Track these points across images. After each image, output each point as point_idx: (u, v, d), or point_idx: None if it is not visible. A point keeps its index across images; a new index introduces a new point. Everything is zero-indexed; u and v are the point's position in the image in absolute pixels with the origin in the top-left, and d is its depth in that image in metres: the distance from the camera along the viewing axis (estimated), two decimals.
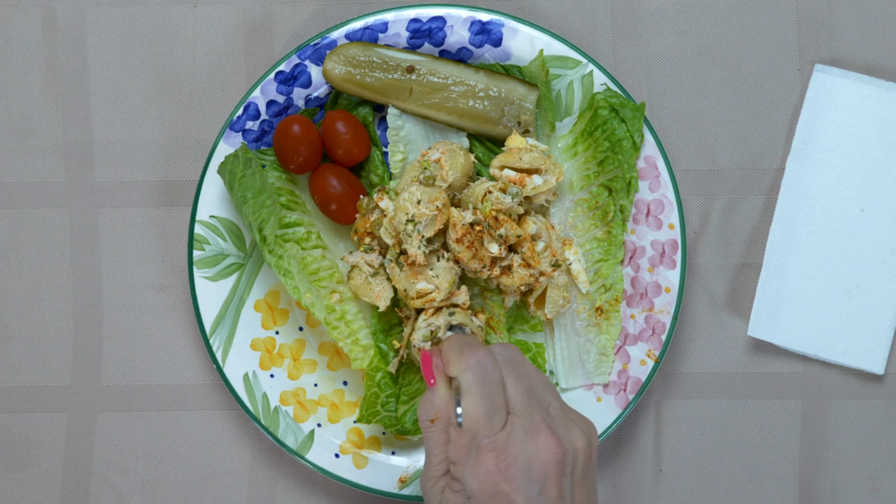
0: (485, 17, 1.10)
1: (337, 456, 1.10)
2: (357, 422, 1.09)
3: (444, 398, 0.92)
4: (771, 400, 1.15)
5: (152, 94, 1.15)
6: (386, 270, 1.08)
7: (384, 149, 1.12)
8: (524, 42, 1.10)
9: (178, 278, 1.14)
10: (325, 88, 1.10)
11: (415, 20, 1.10)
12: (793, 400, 1.14)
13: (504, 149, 1.09)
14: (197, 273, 1.09)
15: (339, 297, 1.10)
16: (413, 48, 1.10)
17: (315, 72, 1.10)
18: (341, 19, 1.14)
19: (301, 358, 1.12)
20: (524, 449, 0.87)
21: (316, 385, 1.12)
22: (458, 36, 1.10)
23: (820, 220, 1.13)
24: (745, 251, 1.15)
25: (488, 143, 1.12)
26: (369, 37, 1.10)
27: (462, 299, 1.06)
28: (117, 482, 1.14)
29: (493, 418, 0.87)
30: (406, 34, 1.10)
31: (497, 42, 1.10)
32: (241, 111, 1.09)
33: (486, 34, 1.10)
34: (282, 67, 1.09)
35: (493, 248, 1.04)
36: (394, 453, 1.11)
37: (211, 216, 1.09)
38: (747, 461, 1.14)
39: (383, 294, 1.08)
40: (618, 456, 1.14)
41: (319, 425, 1.11)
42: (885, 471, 1.14)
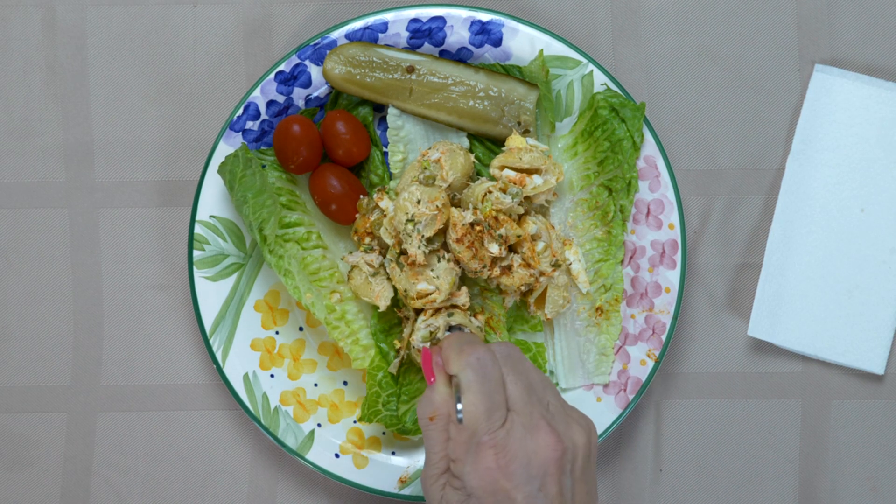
0: (485, 17, 1.10)
1: (337, 456, 1.10)
2: (359, 420, 1.09)
3: (444, 396, 0.92)
4: (771, 400, 1.14)
5: (152, 94, 1.15)
6: (386, 270, 1.08)
7: (384, 149, 1.12)
8: (524, 42, 1.10)
9: (178, 278, 1.14)
10: (325, 88, 1.10)
11: (415, 20, 1.10)
12: (793, 400, 1.14)
13: (504, 149, 1.09)
14: (197, 273, 1.09)
15: (339, 297, 1.10)
16: (413, 48, 1.11)
17: (315, 72, 1.10)
18: (341, 19, 1.14)
19: (301, 358, 1.12)
20: (524, 446, 0.87)
21: (316, 385, 1.12)
22: (458, 36, 1.10)
23: (820, 220, 1.13)
24: (745, 251, 1.15)
25: (488, 143, 1.12)
26: (369, 37, 1.10)
27: (462, 300, 1.06)
28: (117, 482, 1.14)
29: (493, 415, 0.87)
30: (406, 34, 1.10)
31: (497, 42, 1.10)
32: (241, 111, 1.09)
33: (486, 34, 1.10)
34: (282, 67, 1.09)
35: (494, 248, 1.04)
36: (394, 453, 1.11)
37: (211, 216, 1.09)
38: (747, 461, 1.14)
39: (383, 294, 1.08)
40: (618, 456, 1.14)
41: (319, 425, 1.10)
42: (885, 471, 1.14)
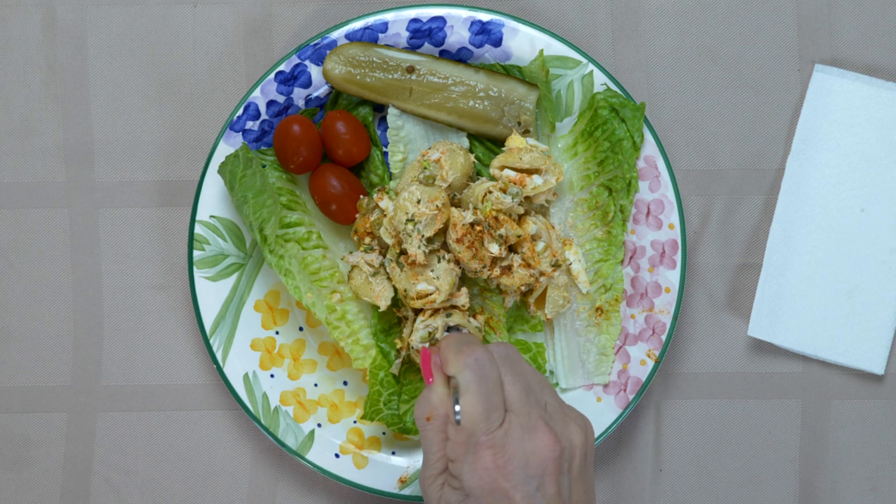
0: (485, 17, 1.10)
1: (337, 456, 1.10)
2: (361, 419, 1.09)
3: (441, 396, 0.92)
4: (771, 400, 1.14)
5: (152, 94, 1.15)
6: (386, 270, 1.08)
7: (384, 149, 1.12)
8: (524, 42, 1.10)
9: (178, 278, 1.14)
10: (325, 88, 1.10)
11: (415, 20, 1.10)
12: (793, 400, 1.14)
13: (504, 149, 1.09)
14: (197, 273, 1.09)
15: (339, 297, 1.10)
16: (413, 48, 1.10)
17: (315, 72, 1.10)
18: (341, 19, 1.14)
19: (301, 358, 1.12)
20: (522, 446, 0.87)
21: (316, 385, 1.12)
22: (458, 36, 1.10)
23: (820, 220, 1.13)
24: (745, 251, 1.15)
25: (488, 143, 1.11)
26: (369, 37, 1.10)
27: (462, 301, 1.06)
28: (117, 482, 1.14)
29: (491, 416, 0.87)
30: (406, 34, 1.10)
31: (497, 42, 1.10)
32: (241, 111, 1.09)
33: (487, 34, 1.10)
34: (282, 67, 1.09)
35: (494, 248, 1.04)
36: (394, 453, 1.11)
37: (211, 216, 1.09)
38: (747, 461, 1.14)
39: (384, 294, 1.08)
40: (618, 456, 1.14)
41: (319, 425, 1.10)
42: (885, 471, 1.14)
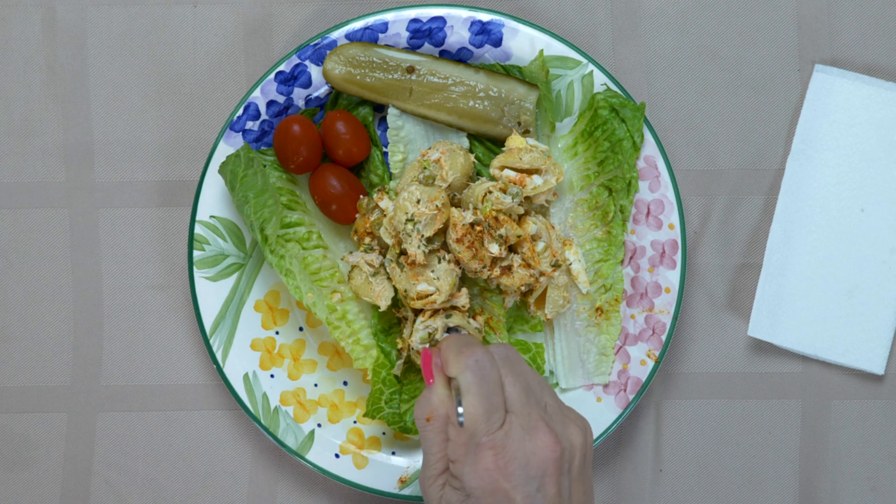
0: (485, 17, 1.10)
1: (337, 456, 1.10)
2: (364, 416, 1.09)
3: (441, 397, 0.92)
4: (771, 400, 1.14)
5: (152, 94, 1.15)
6: (386, 270, 1.08)
7: (384, 149, 1.12)
8: (524, 42, 1.10)
9: (178, 278, 1.14)
10: (325, 88, 1.10)
11: (415, 20, 1.10)
12: (793, 400, 1.14)
13: (504, 149, 1.09)
14: (197, 273, 1.09)
15: (340, 297, 1.10)
16: (413, 48, 1.10)
17: (315, 72, 1.10)
18: (341, 19, 1.14)
19: (301, 358, 1.12)
20: (522, 447, 0.87)
21: (316, 385, 1.12)
22: (458, 36, 1.10)
23: (820, 220, 1.13)
24: (745, 251, 1.15)
25: (488, 143, 1.11)
26: (369, 37, 1.10)
27: (462, 301, 1.06)
28: (117, 482, 1.14)
29: (492, 417, 0.88)
30: (406, 34, 1.10)
31: (497, 42, 1.10)
32: (241, 111, 1.09)
33: (487, 34, 1.10)
34: (282, 67, 1.09)
35: (494, 249, 1.04)
36: (394, 453, 1.11)
37: (211, 216, 1.09)
38: (747, 461, 1.14)
39: (384, 294, 1.08)
40: (618, 456, 1.14)
41: (319, 425, 1.10)
42: (885, 471, 1.14)
